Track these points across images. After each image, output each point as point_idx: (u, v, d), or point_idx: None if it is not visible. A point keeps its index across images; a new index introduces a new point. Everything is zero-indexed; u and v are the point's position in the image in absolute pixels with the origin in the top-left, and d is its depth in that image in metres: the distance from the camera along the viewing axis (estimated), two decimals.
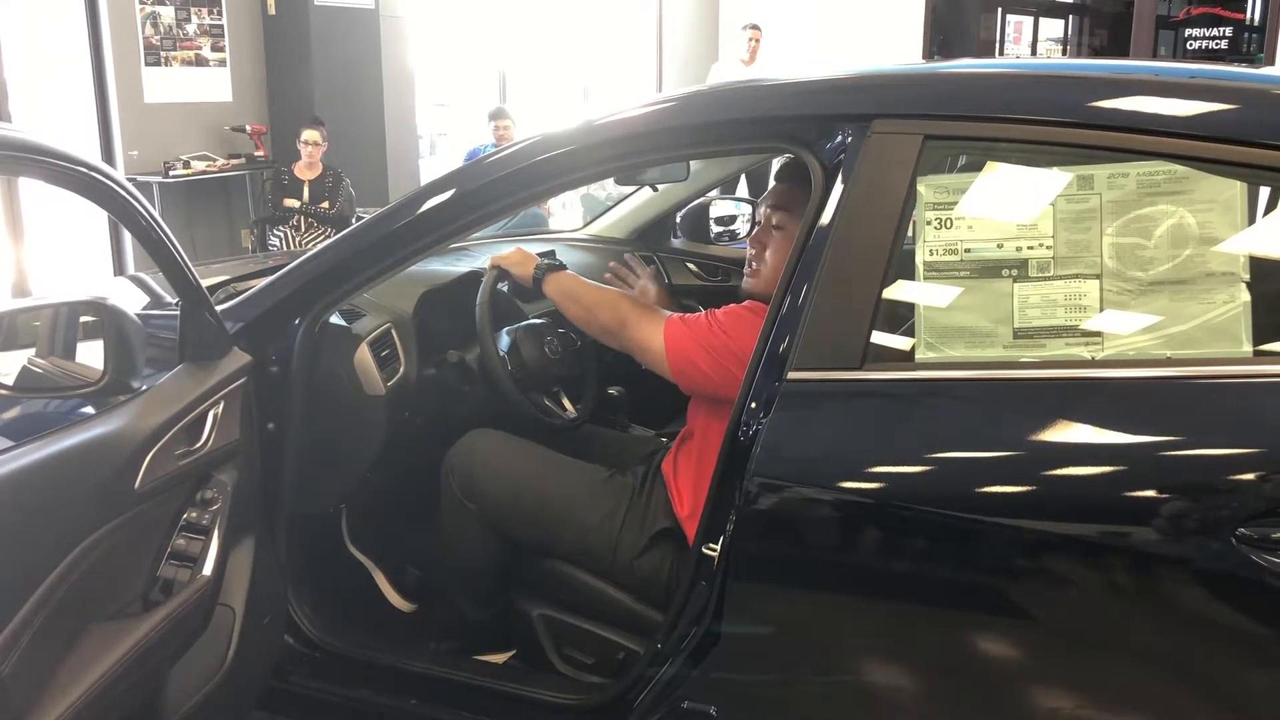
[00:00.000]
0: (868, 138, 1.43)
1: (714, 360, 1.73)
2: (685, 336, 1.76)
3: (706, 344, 1.74)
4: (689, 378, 1.77)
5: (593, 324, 1.92)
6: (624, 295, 1.94)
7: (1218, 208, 1.30)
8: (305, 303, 1.81)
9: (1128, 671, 1.29)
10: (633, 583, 1.87)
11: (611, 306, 1.88)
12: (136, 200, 1.47)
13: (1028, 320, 1.35)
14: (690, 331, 1.77)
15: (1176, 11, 7.51)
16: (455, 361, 2.12)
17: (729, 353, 1.71)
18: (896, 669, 1.43)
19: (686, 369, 1.76)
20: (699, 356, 1.74)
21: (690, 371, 1.76)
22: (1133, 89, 1.41)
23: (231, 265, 2.57)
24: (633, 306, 1.87)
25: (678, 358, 1.76)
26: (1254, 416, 1.26)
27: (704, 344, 1.74)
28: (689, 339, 1.76)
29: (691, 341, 1.75)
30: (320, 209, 5.84)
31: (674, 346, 1.76)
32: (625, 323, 1.85)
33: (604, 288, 1.97)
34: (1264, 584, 1.18)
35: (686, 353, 1.75)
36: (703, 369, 1.74)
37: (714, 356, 1.73)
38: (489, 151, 1.81)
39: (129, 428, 1.44)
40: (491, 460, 1.97)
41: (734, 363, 1.69)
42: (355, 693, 1.87)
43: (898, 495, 1.36)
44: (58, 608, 1.31)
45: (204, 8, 6.25)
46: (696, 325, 1.77)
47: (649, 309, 1.87)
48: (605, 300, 1.91)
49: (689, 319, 1.80)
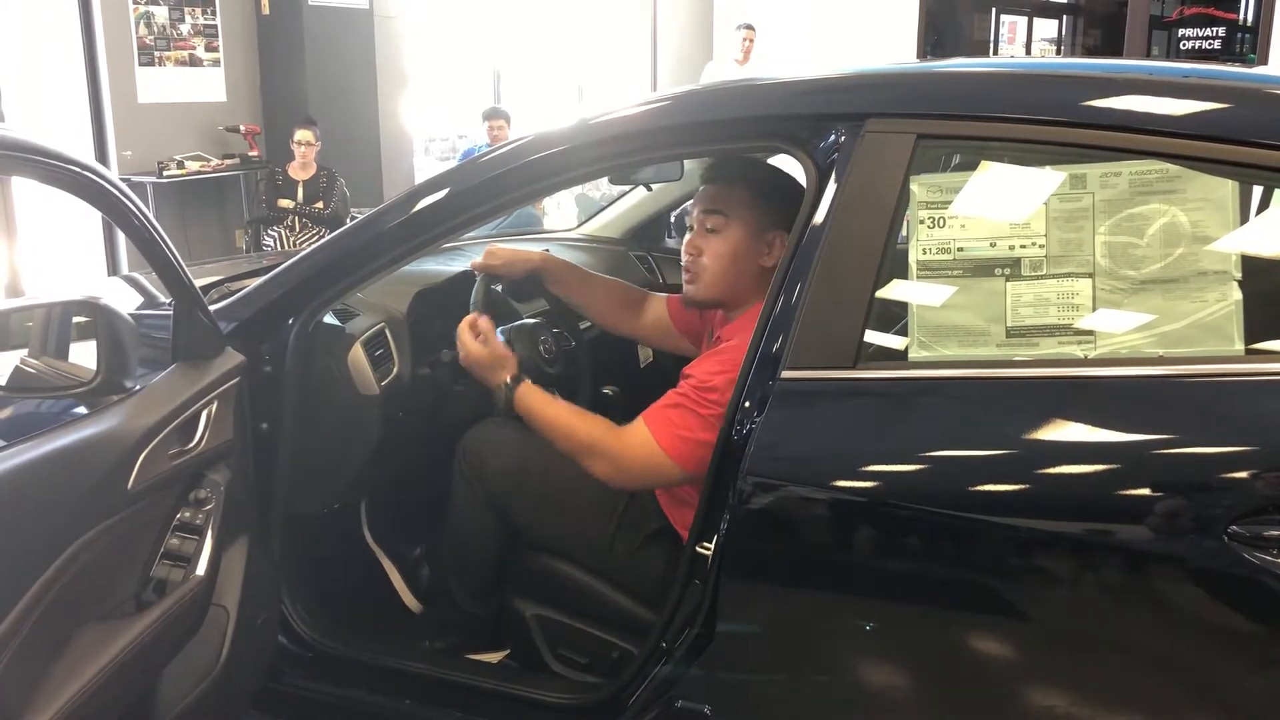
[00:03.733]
0: (861, 137, 1.43)
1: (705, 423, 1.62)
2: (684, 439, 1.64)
3: (706, 429, 1.61)
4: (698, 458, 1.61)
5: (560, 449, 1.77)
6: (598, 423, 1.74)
7: (1210, 206, 1.30)
8: (299, 302, 1.81)
9: (1120, 669, 1.29)
10: (628, 579, 1.87)
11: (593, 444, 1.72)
12: (129, 200, 1.47)
13: (1020, 319, 1.36)
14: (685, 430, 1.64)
15: (1170, 12, 7.52)
16: (449, 361, 2.12)
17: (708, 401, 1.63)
18: (890, 668, 1.43)
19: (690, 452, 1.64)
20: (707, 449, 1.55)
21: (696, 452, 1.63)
22: (1126, 88, 1.41)
23: (225, 265, 2.57)
24: (610, 433, 1.72)
25: (694, 463, 1.62)
26: (1246, 415, 1.26)
27: (703, 434, 1.61)
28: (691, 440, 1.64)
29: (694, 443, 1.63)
30: (314, 209, 5.83)
31: (684, 456, 1.64)
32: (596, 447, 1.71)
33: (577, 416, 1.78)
34: (1256, 582, 1.18)
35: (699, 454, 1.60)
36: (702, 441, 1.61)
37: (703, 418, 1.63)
38: (483, 151, 1.81)
39: (122, 427, 1.44)
40: (503, 447, 1.97)
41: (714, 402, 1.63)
42: (349, 693, 1.87)
43: (891, 494, 1.36)
44: (50, 608, 1.31)
45: (198, 8, 6.24)
46: (686, 422, 1.65)
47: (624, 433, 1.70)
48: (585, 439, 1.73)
49: (671, 418, 1.66)
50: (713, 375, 1.66)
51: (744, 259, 1.80)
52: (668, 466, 1.66)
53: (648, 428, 1.68)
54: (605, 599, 1.89)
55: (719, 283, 1.82)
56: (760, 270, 1.79)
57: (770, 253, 1.79)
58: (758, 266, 1.80)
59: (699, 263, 1.82)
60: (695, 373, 1.70)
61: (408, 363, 2.07)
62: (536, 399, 1.80)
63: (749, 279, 1.80)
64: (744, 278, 1.80)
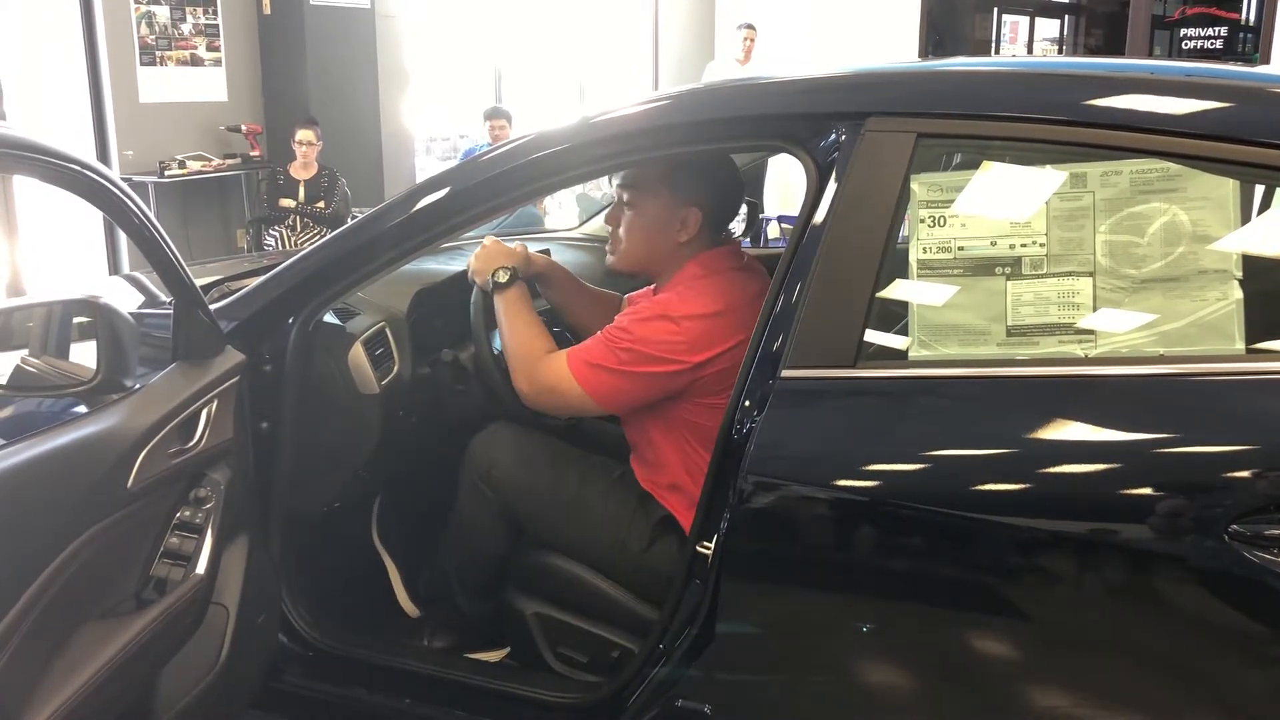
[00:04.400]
0: (861, 136, 1.43)
1: (631, 376, 1.75)
2: (590, 364, 1.77)
3: (611, 359, 1.75)
4: (619, 403, 1.81)
5: (504, 346, 1.89)
6: (541, 341, 1.86)
7: (1210, 205, 1.30)
8: (299, 301, 1.81)
9: (1121, 669, 1.29)
10: (639, 581, 1.86)
11: (525, 355, 1.84)
12: (130, 199, 1.47)
13: (1021, 318, 1.36)
14: (591, 357, 1.77)
15: (1172, 11, 7.52)
16: (449, 360, 2.12)
17: (639, 357, 1.74)
18: (891, 667, 1.43)
19: (610, 396, 1.78)
20: (619, 381, 1.75)
21: (617, 398, 1.79)
22: (1127, 87, 1.41)
23: (226, 265, 2.57)
24: (543, 355, 1.83)
25: (597, 390, 1.77)
26: (1246, 413, 1.26)
27: (606, 361, 1.75)
28: (596, 366, 1.76)
29: (600, 369, 1.76)
30: (316, 209, 5.83)
31: (587, 380, 1.77)
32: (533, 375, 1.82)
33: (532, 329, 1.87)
34: (1257, 581, 1.18)
35: (602, 380, 1.76)
36: (625, 389, 1.77)
37: (629, 371, 1.75)
38: (484, 150, 1.81)
39: (122, 426, 1.44)
40: (513, 451, 1.97)
41: (647, 364, 1.74)
42: (349, 692, 1.87)
43: (892, 493, 1.36)
44: (50, 606, 1.31)
45: (199, 7, 6.25)
46: (592, 350, 1.78)
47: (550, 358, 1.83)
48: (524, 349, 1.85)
49: (585, 346, 1.80)
50: (624, 317, 1.80)
51: (657, 235, 1.86)
52: (570, 386, 1.77)
53: (565, 355, 1.80)
54: (606, 597, 1.89)
55: (633, 254, 1.90)
56: (677, 245, 1.85)
57: (684, 228, 1.84)
58: (674, 242, 1.85)
59: (616, 234, 1.91)
60: (619, 317, 1.82)
61: (408, 362, 2.07)
62: (517, 304, 1.90)
63: (665, 253, 1.86)
64: (659, 252, 1.87)
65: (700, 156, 1.85)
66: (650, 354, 1.74)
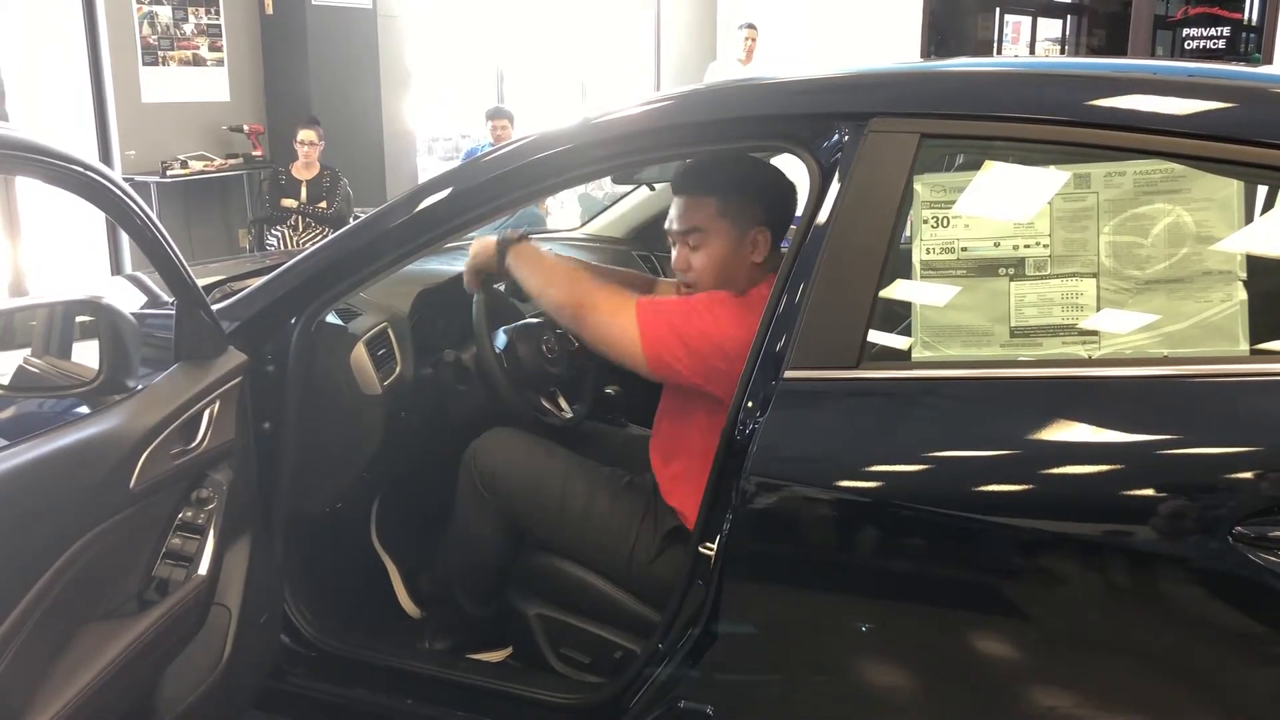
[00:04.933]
0: (864, 136, 1.43)
1: (690, 350, 1.67)
2: (661, 323, 1.69)
3: (683, 331, 1.67)
4: (666, 368, 1.70)
5: (549, 300, 1.81)
6: (588, 272, 1.83)
7: (1214, 206, 1.30)
8: (301, 302, 1.81)
9: (1125, 670, 1.28)
10: (647, 587, 1.85)
11: (571, 281, 1.78)
12: (132, 199, 1.47)
13: (1024, 319, 1.35)
14: (666, 318, 1.69)
15: (1174, 11, 7.51)
16: (452, 361, 2.12)
17: (707, 340, 1.67)
18: (893, 668, 1.43)
19: (665, 358, 1.68)
20: (676, 346, 1.67)
21: (669, 361, 1.68)
22: (1130, 88, 1.41)
23: (228, 265, 2.57)
24: (597, 285, 1.77)
25: (655, 346, 1.67)
26: (1251, 415, 1.26)
27: (680, 332, 1.67)
28: (665, 326, 1.68)
29: (668, 329, 1.68)
30: (318, 209, 5.83)
31: (650, 334, 1.68)
32: (585, 303, 1.74)
33: (567, 261, 1.86)
34: (1261, 582, 1.18)
35: (664, 341, 1.67)
36: (680, 359, 1.67)
37: (691, 346, 1.67)
38: (486, 150, 1.80)
39: (124, 427, 1.44)
40: (515, 457, 1.96)
41: (713, 353, 1.66)
42: (352, 692, 1.87)
43: (895, 494, 1.36)
44: (52, 607, 1.31)
45: (201, 7, 6.25)
46: (672, 311, 1.70)
47: (615, 289, 1.77)
48: (566, 275, 1.80)
49: (660, 302, 1.73)
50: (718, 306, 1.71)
51: (732, 263, 1.80)
52: (633, 338, 1.69)
53: (634, 311, 1.71)
54: (608, 598, 1.89)
55: (715, 285, 1.82)
56: (752, 265, 1.80)
57: (756, 249, 1.79)
58: (749, 265, 1.80)
59: (691, 274, 1.83)
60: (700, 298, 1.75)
61: (410, 362, 2.07)
62: (525, 250, 1.85)
63: (745, 277, 1.80)
64: (740, 278, 1.80)
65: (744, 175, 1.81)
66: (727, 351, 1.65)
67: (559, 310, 1.80)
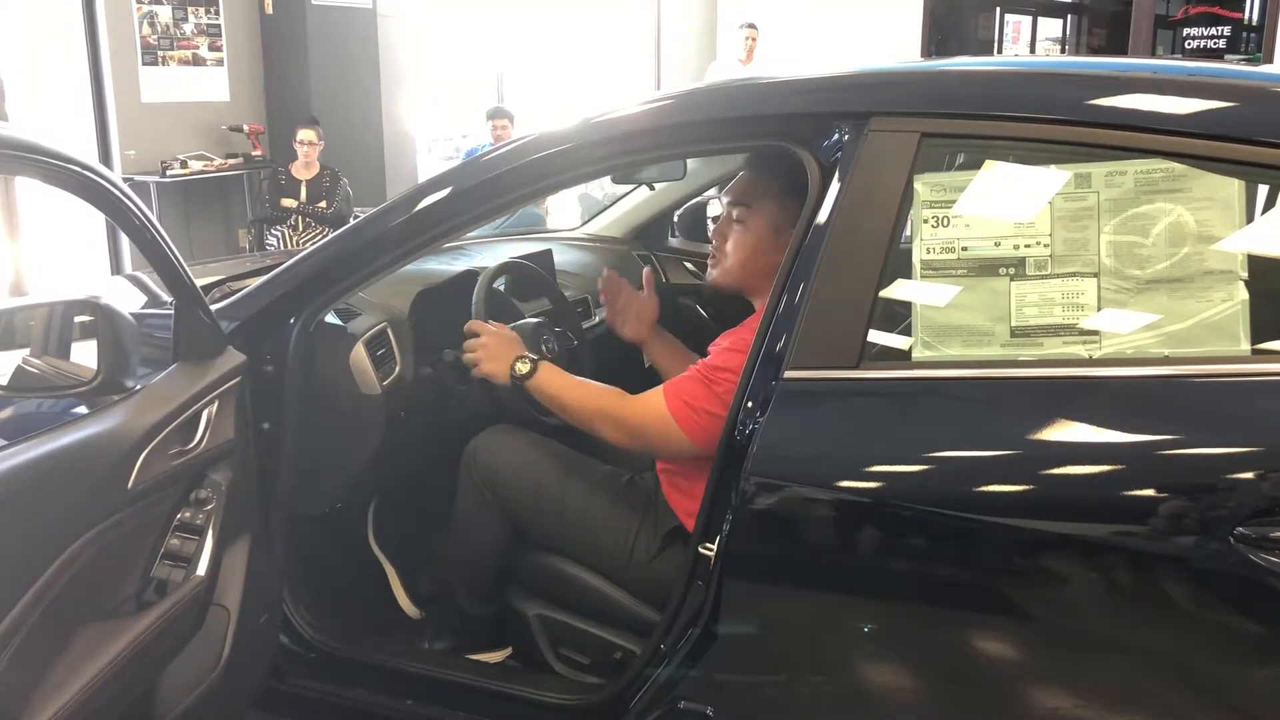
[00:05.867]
0: (865, 136, 1.43)
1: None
2: (693, 408, 1.68)
3: (714, 402, 1.65)
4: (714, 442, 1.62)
5: (578, 419, 1.81)
6: (610, 391, 1.80)
7: (1216, 206, 1.29)
8: (300, 302, 1.81)
9: (1126, 671, 1.28)
10: (647, 587, 1.85)
11: (603, 409, 1.77)
12: (130, 200, 1.46)
13: (1025, 319, 1.35)
14: (693, 399, 1.68)
15: (1175, 11, 7.51)
16: (451, 361, 2.12)
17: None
18: (893, 668, 1.43)
19: (711, 433, 1.62)
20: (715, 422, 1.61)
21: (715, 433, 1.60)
22: (1130, 87, 1.40)
23: (227, 265, 2.57)
24: (622, 399, 1.77)
25: (700, 434, 1.66)
26: (1252, 415, 1.25)
27: (710, 405, 1.66)
28: (700, 409, 1.67)
29: (703, 412, 1.67)
30: (317, 209, 5.83)
31: (690, 425, 1.67)
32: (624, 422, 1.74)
33: (588, 386, 1.83)
34: (1262, 583, 1.17)
35: (704, 424, 1.66)
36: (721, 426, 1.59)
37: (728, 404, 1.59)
38: (486, 150, 1.80)
39: (123, 427, 1.44)
40: (516, 455, 1.96)
41: None
42: (351, 693, 1.86)
43: (895, 495, 1.35)
44: (51, 608, 1.31)
45: (201, 7, 6.25)
46: (694, 391, 1.69)
47: (637, 399, 1.75)
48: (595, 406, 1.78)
49: (682, 387, 1.71)
50: (721, 354, 1.72)
51: (762, 254, 1.80)
52: (674, 432, 1.69)
53: (662, 394, 1.72)
54: (608, 599, 1.89)
55: (738, 271, 1.84)
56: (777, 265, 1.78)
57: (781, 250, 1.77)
58: (774, 263, 1.78)
59: (723, 249, 1.85)
60: (712, 350, 1.76)
61: (410, 362, 2.06)
62: (556, 375, 1.84)
63: (766, 273, 1.77)
64: (763, 272, 1.78)
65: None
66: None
67: (589, 425, 1.79)
